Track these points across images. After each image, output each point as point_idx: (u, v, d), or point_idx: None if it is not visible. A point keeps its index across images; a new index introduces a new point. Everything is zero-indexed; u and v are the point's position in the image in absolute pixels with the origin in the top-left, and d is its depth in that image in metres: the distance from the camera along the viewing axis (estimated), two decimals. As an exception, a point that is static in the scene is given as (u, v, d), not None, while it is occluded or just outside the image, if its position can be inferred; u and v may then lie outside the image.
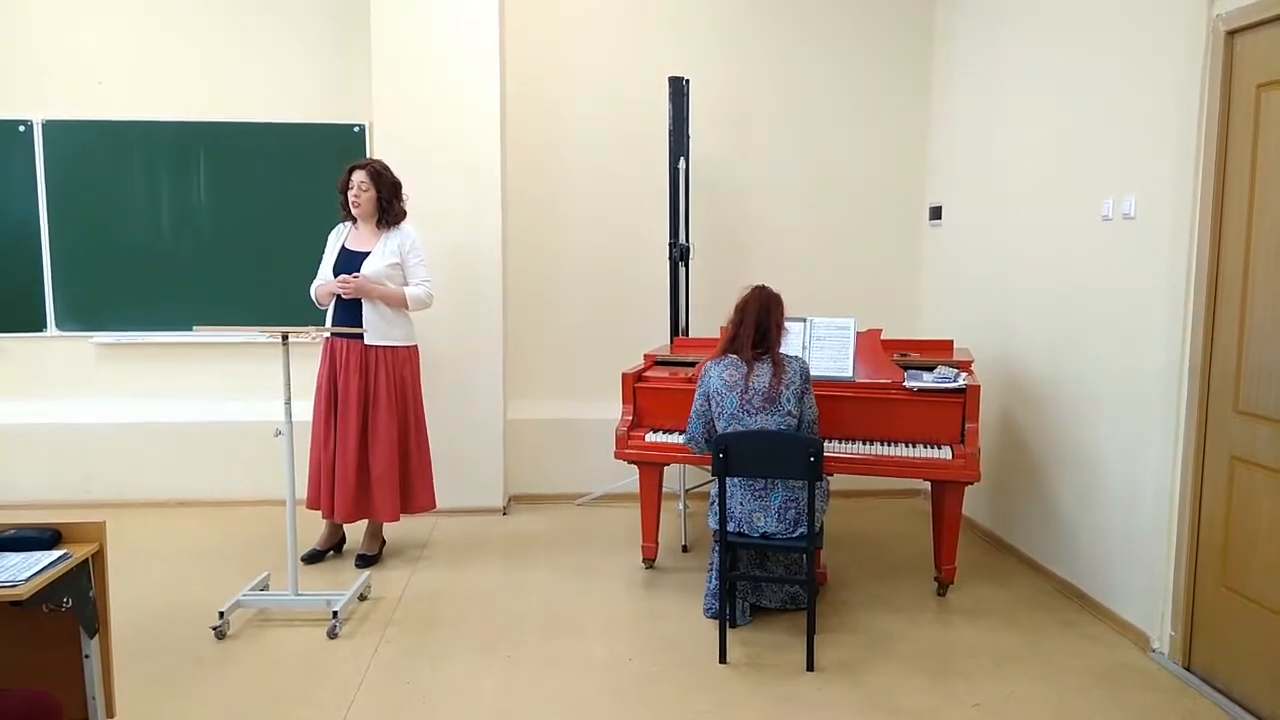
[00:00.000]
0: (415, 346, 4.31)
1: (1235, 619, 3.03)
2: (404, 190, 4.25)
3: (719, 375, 3.51)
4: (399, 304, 4.17)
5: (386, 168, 4.20)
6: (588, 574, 4.21)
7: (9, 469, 5.25)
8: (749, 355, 3.48)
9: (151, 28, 5.25)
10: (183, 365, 5.43)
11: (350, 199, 4.13)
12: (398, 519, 4.24)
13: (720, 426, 3.49)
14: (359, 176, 4.12)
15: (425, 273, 4.24)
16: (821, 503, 3.49)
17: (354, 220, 4.21)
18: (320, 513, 4.22)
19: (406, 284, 4.19)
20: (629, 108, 5.31)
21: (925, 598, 3.92)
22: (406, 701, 3.03)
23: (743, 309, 3.53)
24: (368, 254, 4.14)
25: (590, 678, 3.20)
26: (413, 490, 4.27)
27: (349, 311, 4.11)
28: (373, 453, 4.12)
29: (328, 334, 4.05)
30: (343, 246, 4.19)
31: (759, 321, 3.49)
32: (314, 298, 4.22)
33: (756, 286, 3.57)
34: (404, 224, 4.24)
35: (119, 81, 5.26)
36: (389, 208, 4.17)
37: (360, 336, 4.07)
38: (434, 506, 4.40)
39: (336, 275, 4.09)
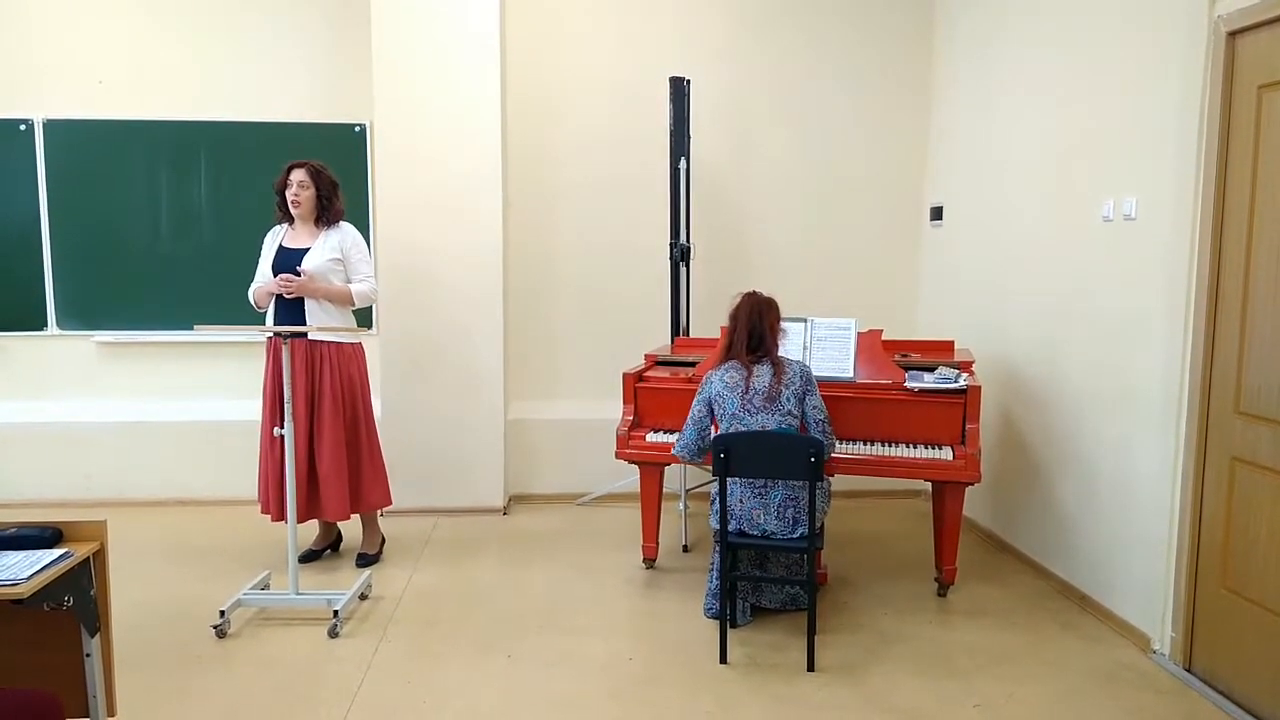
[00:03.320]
0: (360, 344, 4.25)
1: (1236, 620, 3.03)
2: (341, 191, 4.19)
3: (720, 379, 3.52)
4: (343, 301, 4.12)
5: (325, 166, 4.14)
6: (588, 574, 4.21)
7: (10, 468, 5.25)
8: (746, 360, 3.49)
9: (152, 27, 5.26)
10: (183, 364, 5.44)
11: (290, 197, 4.05)
12: (347, 518, 4.20)
13: (722, 427, 3.50)
14: (298, 175, 4.05)
15: (369, 269, 4.20)
16: (823, 504, 3.49)
17: (290, 221, 4.14)
18: (270, 517, 4.14)
19: (349, 281, 4.14)
20: (630, 107, 5.31)
21: (925, 598, 3.92)
22: (407, 701, 3.03)
23: (735, 316, 3.56)
24: (306, 251, 4.06)
25: (590, 677, 3.20)
26: (363, 488, 4.21)
27: (290, 311, 4.03)
28: (319, 451, 4.06)
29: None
30: (280, 245, 4.10)
31: (752, 327, 3.51)
32: (252, 301, 4.13)
33: (747, 293, 3.59)
34: (343, 222, 4.18)
35: (120, 81, 5.27)
36: (328, 206, 4.11)
37: (303, 335, 3.98)
38: (389, 503, 4.35)
39: (276, 275, 4.00)
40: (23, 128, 5.20)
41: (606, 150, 5.36)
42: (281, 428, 3.63)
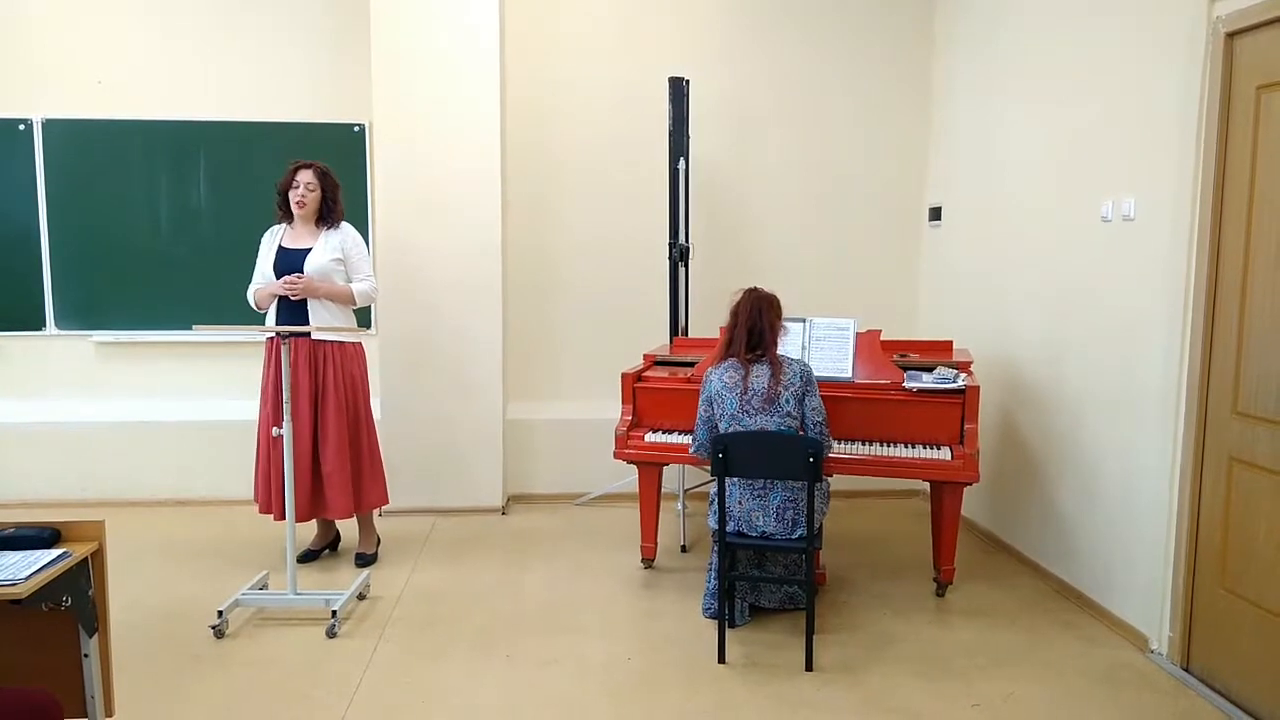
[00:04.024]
0: (361, 344, 4.26)
1: (1234, 620, 3.03)
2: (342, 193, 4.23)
3: (719, 378, 3.51)
4: (345, 301, 4.14)
5: (330, 168, 4.18)
6: (586, 574, 4.21)
7: (8, 468, 5.25)
8: (744, 358, 3.48)
9: (152, 27, 5.25)
10: (182, 364, 5.43)
11: (296, 198, 4.07)
12: (350, 516, 4.22)
13: (722, 427, 3.49)
14: (306, 176, 4.08)
15: (369, 268, 4.23)
16: (821, 505, 3.49)
17: (289, 220, 4.16)
18: (271, 516, 4.14)
19: (350, 281, 4.16)
20: (629, 108, 5.32)
21: (924, 598, 3.92)
22: (405, 701, 3.03)
23: (735, 312, 3.54)
24: (307, 251, 4.08)
25: (589, 677, 3.20)
26: (364, 487, 4.22)
27: (293, 312, 4.05)
28: (323, 449, 4.09)
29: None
30: (280, 246, 4.12)
31: (751, 324, 3.49)
32: (252, 302, 4.14)
33: (748, 289, 3.57)
34: (343, 223, 4.20)
35: (119, 80, 5.26)
36: (332, 208, 4.14)
37: (306, 334, 3.97)
38: (386, 503, 4.38)
39: (279, 276, 4.02)
40: (21, 127, 5.20)
41: (606, 150, 5.36)
42: (281, 427, 3.64)
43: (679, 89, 4.78)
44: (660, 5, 5.32)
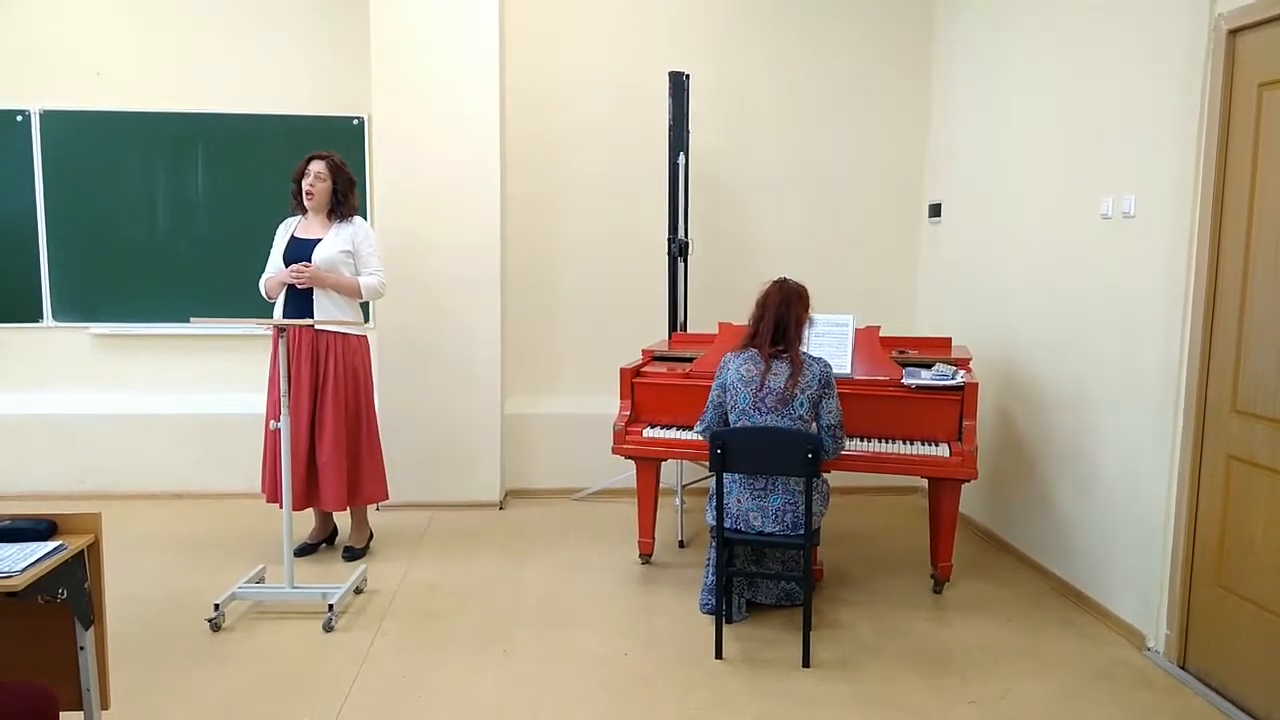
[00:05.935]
0: (365, 337, 4.27)
1: (1231, 618, 3.03)
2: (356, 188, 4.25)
3: (737, 369, 3.45)
4: (352, 293, 4.15)
5: (345, 162, 4.19)
6: (584, 569, 4.21)
7: (5, 460, 5.24)
8: (767, 353, 3.43)
9: (150, 17, 5.23)
10: (179, 357, 5.42)
11: (305, 188, 4.09)
12: (344, 509, 4.22)
13: (732, 420, 3.46)
14: (317, 167, 4.10)
15: (378, 263, 4.24)
16: (821, 505, 3.48)
17: (304, 212, 4.18)
18: (277, 505, 4.12)
19: (359, 274, 4.18)
20: (629, 102, 5.30)
21: (921, 595, 3.92)
22: (402, 695, 3.03)
23: (763, 303, 3.46)
24: (317, 242, 4.10)
25: (586, 672, 3.20)
26: (362, 480, 4.22)
27: (300, 302, 4.07)
28: (319, 440, 4.09)
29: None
30: (292, 236, 4.15)
31: (779, 317, 3.42)
32: (263, 291, 4.17)
33: (778, 280, 3.50)
34: (355, 217, 4.22)
35: (117, 72, 5.25)
36: (343, 201, 4.16)
37: (308, 325, 4.00)
38: (386, 498, 4.37)
39: (288, 265, 4.05)
40: (19, 119, 5.18)
41: (605, 144, 5.35)
42: (279, 420, 3.64)
43: (679, 84, 4.77)
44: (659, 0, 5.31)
